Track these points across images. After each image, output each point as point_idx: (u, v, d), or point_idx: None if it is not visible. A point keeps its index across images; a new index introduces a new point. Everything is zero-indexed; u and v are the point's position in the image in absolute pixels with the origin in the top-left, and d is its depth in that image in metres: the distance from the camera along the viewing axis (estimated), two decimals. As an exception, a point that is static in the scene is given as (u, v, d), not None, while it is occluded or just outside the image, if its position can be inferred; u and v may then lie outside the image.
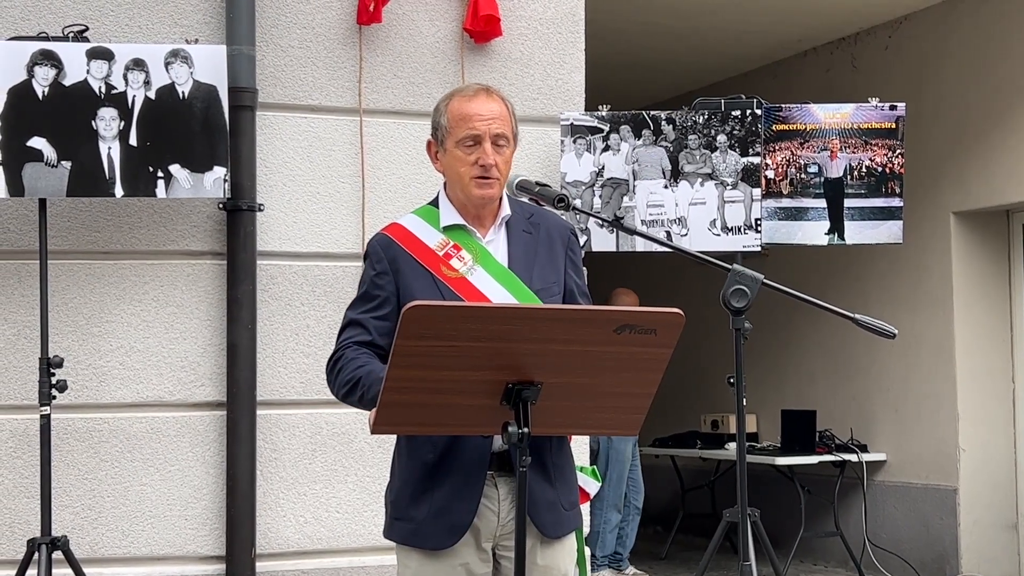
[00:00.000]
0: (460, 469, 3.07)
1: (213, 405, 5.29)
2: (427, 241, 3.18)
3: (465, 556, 3.10)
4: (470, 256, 3.16)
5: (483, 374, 2.70)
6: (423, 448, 3.10)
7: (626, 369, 2.76)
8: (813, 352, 9.17)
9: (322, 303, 5.45)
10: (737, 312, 2.85)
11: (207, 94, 4.98)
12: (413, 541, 3.12)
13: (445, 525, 3.07)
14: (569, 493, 3.20)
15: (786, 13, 8.25)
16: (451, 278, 3.13)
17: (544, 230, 3.25)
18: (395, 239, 3.20)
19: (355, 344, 3.13)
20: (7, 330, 5.11)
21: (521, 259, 3.19)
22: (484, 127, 3.13)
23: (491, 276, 3.14)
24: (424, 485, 3.09)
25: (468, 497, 3.06)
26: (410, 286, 3.12)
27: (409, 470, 3.13)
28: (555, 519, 3.13)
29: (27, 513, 5.03)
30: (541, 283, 3.17)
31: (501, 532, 3.12)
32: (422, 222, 3.23)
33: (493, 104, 3.17)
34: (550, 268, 3.21)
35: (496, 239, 3.22)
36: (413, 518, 3.11)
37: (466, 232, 3.20)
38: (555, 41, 5.82)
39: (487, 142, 3.13)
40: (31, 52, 4.84)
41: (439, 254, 3.16)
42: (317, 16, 5.52)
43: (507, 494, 3.10)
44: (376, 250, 3.20)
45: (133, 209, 5.23)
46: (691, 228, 5.74)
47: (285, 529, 5.35)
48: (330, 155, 5.52)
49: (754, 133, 5.76)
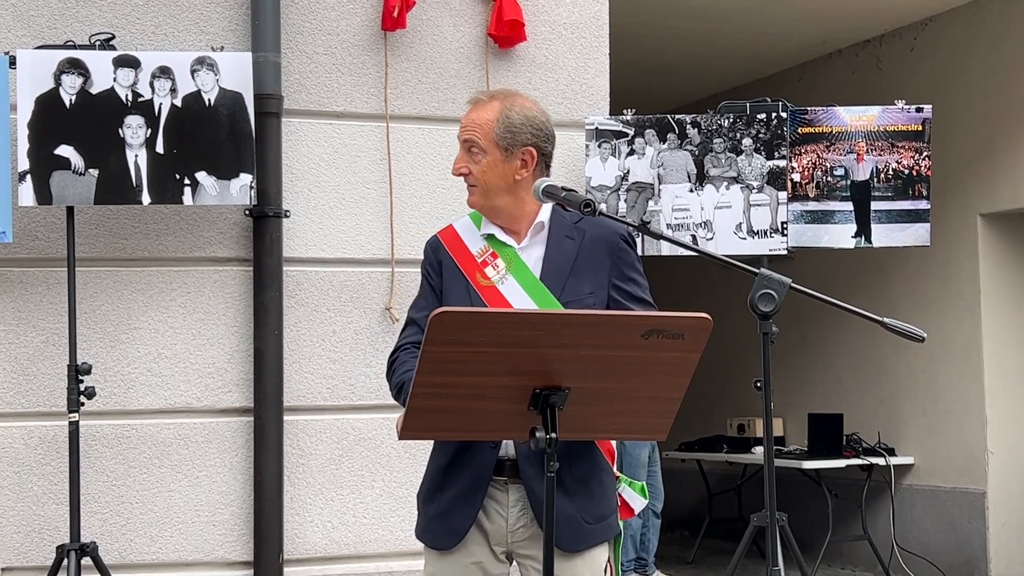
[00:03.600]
0: (465, 476, 3.12)
1: (240, 411, 5.31)
2: (470, 246, 3.24)
3: (477, 554, 3.14)
4: (504, 265, 3.18)
5: (510, 380, 2.70)
6: (440, 451, 3.18)
7: (654, 374, 2.75)
8: (840, 355, 9.14)
9: (348, 309, 5.46)
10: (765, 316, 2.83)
11: (233, 101, 5.00)
12: (423, 538, 3.23)
13: (447, 527, 3.14)
14: (594, 507, 3.15)
15: (811, 15, 8.23)
16: (484, 287, 3.17)
17: (589, 237, 3.20)
18: (444, 242, 3.27)
19: (411, 344, 3.20)
20: (35, 337, 5.14)
21: (555, 268, 3.17)
22: (460, 135, 3.22)
23: (521, 287, 3.15)
24: (436, 487, 3.18)
25: (468, 504, 3.11)
26: (449, 292, 3.19)
27: (429, 469, 3.23)
28: (574, 533, 3.10)
29: (56, 519, 5.05)
30: (572, 294, 3.15)
31: (512, 539, 3.14)
32: (472, 226, 3.28)
33: (481, 112, 3.20)
34: (588, 277, 3.17)
35: (532, 246, 3.21)
36: (425, 514, 3.21)
37: (501, 240, 3.22)
38: (580, 45, 5.82)
39: (461, 149, 3.21)
40: (58, 61, 4.86)
41: (478, 261, 3.21)
42: (342, 22, 5.53)
43: (517, 500, 3.12)
44: (428, 252, 3.30)
45: (160, 216, 5.25)
46: (717, 232, 5.72)
47: (312, 534, 5.36)
48: (356, 161, 5.53)
49: (780, 136, 5.74)
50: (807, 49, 9.06)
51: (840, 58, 9.15)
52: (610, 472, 3.25)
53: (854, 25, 8.53)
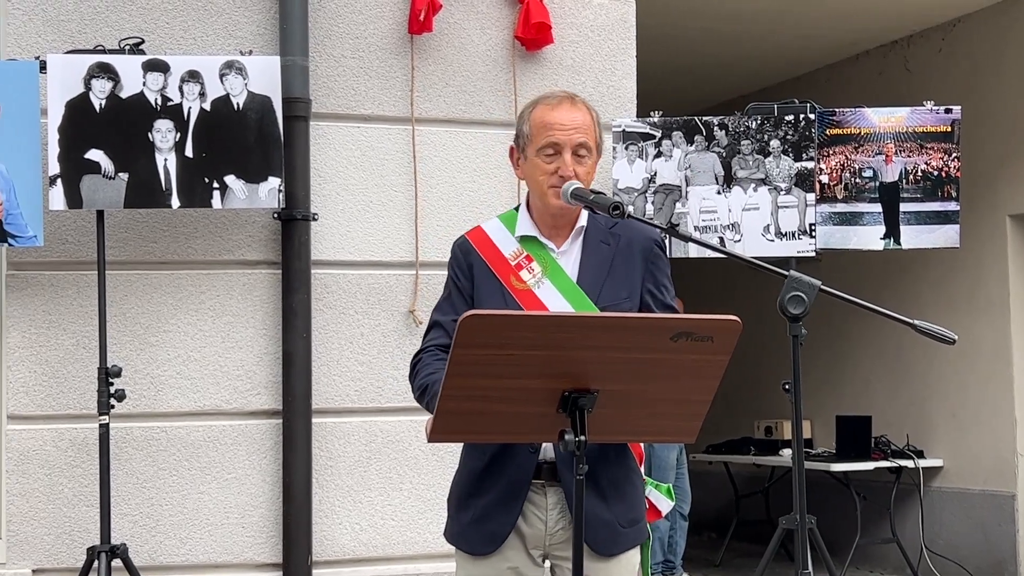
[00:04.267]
0: (504, 479, 3.09)
1: (269, 413, 5.33)
2: (503, 249, 3.20)
3: (514, 559, 3.12)
4: (540, 268, 3.17)
5: (539, 382, 2.69)
6: (474, 454, 3.15)
7: (683, 376, 2.75)
8: (868, 357, 9.10)
9: (376, 311, 5.47)
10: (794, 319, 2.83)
11: (261, 105, 5.02)
12: (458, 544, 3.18)
13: (485, 532, 3.10)
14: (628, 510, 3.16)
15: (838, 17, 8.21)
16: (519, 290, 3.14)
17: (624, 241, 3.21)
18: (474, 244, 3.23)
19: (435, 347, 3.18)
20: (66, 340, 5.17)
21: (592, 273, 3.17)
22: (565, 137, 3.12)
23: (558, 290, 3.14)
24: (471, 491, 3.14)
25: (508, 508, 3.09)
26: (481, 294, 3.16)
27: (462, 473, 3.19)
28: (609, 536, 3.11)
29: (87, 521, 5.08)
30: (609, 299, 3.14)
31: (551, 541, 3.12)
32: (503, 228, 3.24)
33: (576, 113, 3.15)
34: (623, 282, 3.18)
35: (570, 250, 3.21)
36: (460, 521, 3.16)
37: (539, 244, 3.20)
38: (606, 48, 5.82)
39: (567, 152, 3.12)
40: (88, 65, 4.89)
41: (511, 264, 3.18)
42: (369, 26, 5.54)
43: (556, 503, 3.11)
44: (456, 254, 3.25)
45: (189, 220, 5.28)
46: (744, 234, 5.71)
47: (341, 536, 5.38)
48: (383, 164, 5.55)
49: (808, 137, 5.72)
50: (834, 50, 9.04)
51: (868, 59, 9.12)
52: (640, 475, 3.26)
53: (882, 26, 8.50)
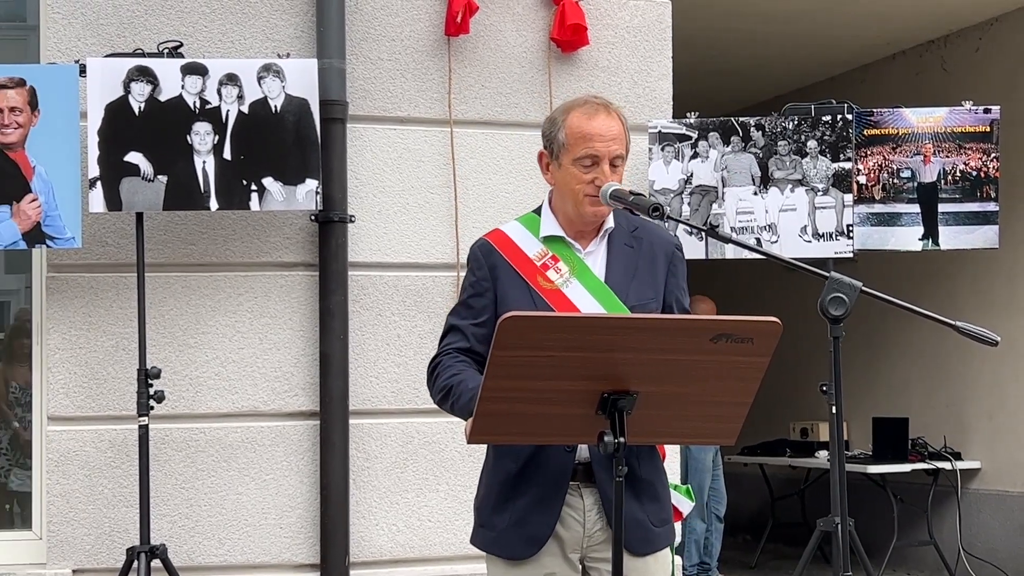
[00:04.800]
0: (541, 481, 3.07)
1: (306, 415, 5.35)
2: (526, 250, 3.19)
3: (551, 565, 3.10)
4: (567, 268, 3.16)
5: (578, 384, 2.70)
6: (506, 458, 3.12)
7: (722, 378, 2.75)
8: (906, 359, 9.06)
9: (413, 313, 5.48)
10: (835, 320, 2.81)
11: (299, 107, 5.04)
12: (494, 550, 3.15)
13: (524, 536, 3.08)
14: (660, 510, 3.18)
15: (874, 16, 8.17)
16: (547, 289, 3.13)
17: (647, 244, 3.22)
18: (496, 246, 3.21)
19: (454, 351, 3.16)
20: (106, 342, 5.21)
21: (619, 274, 3.17)
22: (604, 148, 3.12)
23: (587, 290, 3.14)
24: (506, 495, 3.11)
25: (547, 509, 3.07)
26: (506, 295, 3.14)
27: (493, 479, 3.16)
28: (643, 536, 3.11)
29: (126, 522, 5.11)
30: (637, 299, 3.15)
31: (588, 543, 3.11)
32: (524, 230, 3.24)
33: (613, 123, 3.15)
34: (649, 284, 3.19)
35: (596, 252, 3.21)
36: (495, 527, 3.14)
37: (565, 244, 3.20)
38: (642, 49, 5.81)
39: (605, 163, 3.12)
40: (127, 68, 4.93)
41: (537, 264, 3.17)
42: (406, 28, 5.56)
43: (593, 505, 3.10)
44: (477, 256, 3.22)
45: (227, 222, 5.30)
46: (781, 235, 5.69)
47: (378, 537, 5.39)
48: (420, 166, 5.56)
49: (845, 138, 5.70)
50: (870, 50, 9.00)
51: (904, 59, 9.08)
52: (666, 475, 3.27)
53: (918, 26, 8.46)
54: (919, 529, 8.43)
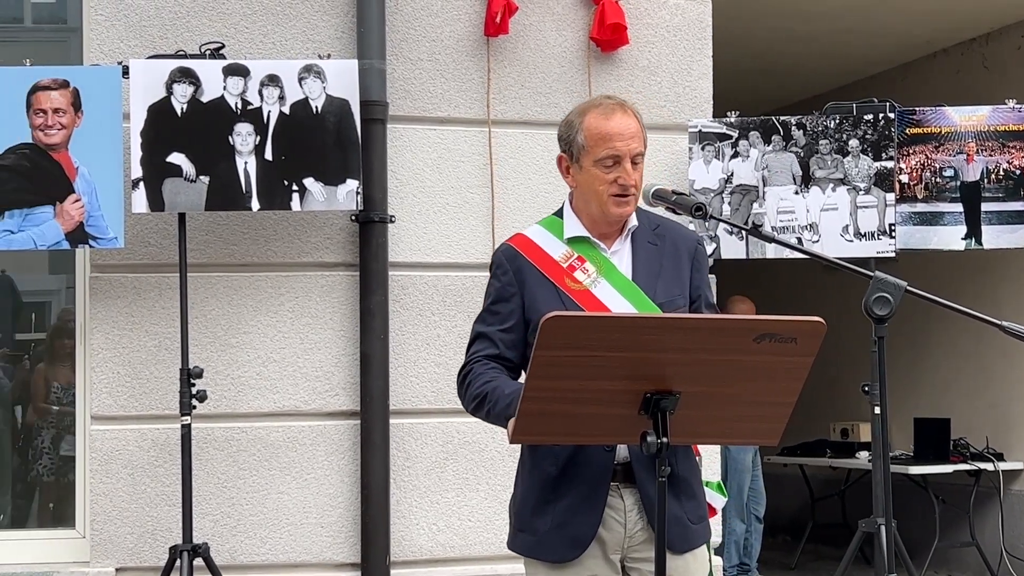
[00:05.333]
0: (582, 482, 3.06)
1: (347, 414, 5.37)
2: (551, 253, 3.18)
3: (592, 568, 3.09)
4: (594, 268, 3.15)
5: (621, 384, 2.69)
6: (545, 460, 3.10)
7: (766, 378, 2.74)
8: (948, 359, 8.99)
9: (453, 313, 5.49)
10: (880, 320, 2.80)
11: (339, 108, 5.06)
12: (536, 553, 3.13)
13: (567, 538, 3.07)
14: (697, 507, 3.18)
15: (915, 14, 8.12)
16: (575, 290, 3.12)
17: (670, 242, 3.22)
18: (520, 250, 3.20)
19: (483, 358, 3.15)
20: (148, 342, 5.24)
21: (645, 271, 3.17)
22: (624, 147, 3.11)
23: (615, 289, 3.13)
24: (546, 497, 3.09)
25: (590, 510, 3.06)
26: (534, 299, 3.13)
27: (531, 482, 3.14)
28: (681, 533, 3.11)
29: (169, 520, 5.15)
30: (665, 296, 3.15)
31: (629, 544, 3.11)
32: (547, 233, 3.22)
33: (630, 121, 3.14)
34: (675, 280, 3.19)
35: (621, 251, 3.20)
36: (536, 530, 3.11)
37: (590, 244, 3.19)
38: (682, 48, 5.80)
39: (627, 162, 3.11)
40: (170, 70, 4.96)
41: (563, 266, 3.15)
42: (445, 29, 5.57)
43: (633, 505, 3.09)
44: (501, 262, 3.21)
45: (269, 222, 5.33)
46: (823, 234, 5.66)
47: (418, 537, 5.40)
48: (459, 166, 5.57)
49: (887, 137, 5.66)
50: (911, 49, 8.94)
51: (945, 57, 9.01)
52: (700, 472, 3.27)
53: (959, 24, 8.40)
54: (961, 530, 8.37)
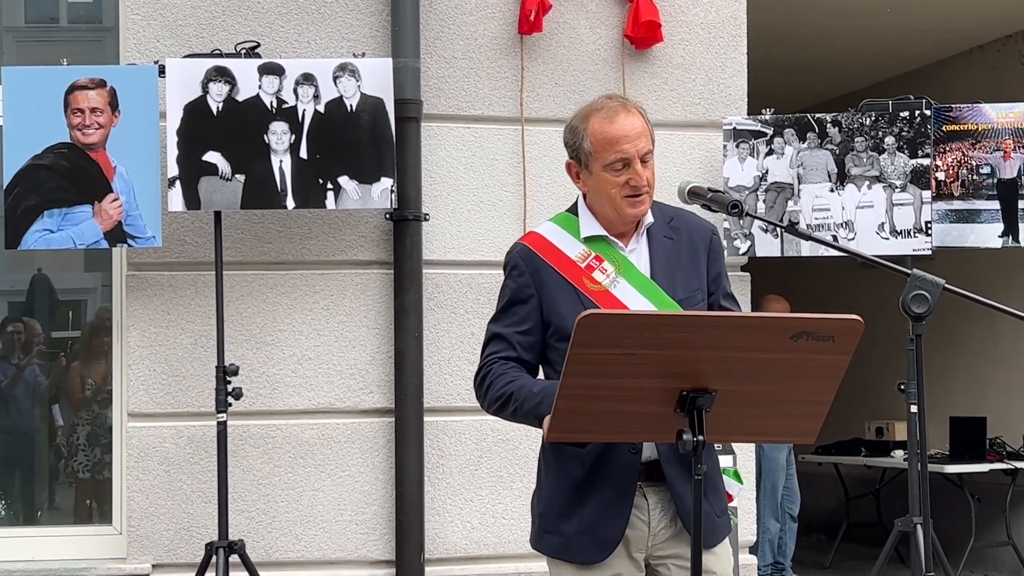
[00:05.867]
0: (609, 484, 3.05)
1: (382, 412, 5.38)
2: (568, 252, 3.14)
3: (617, 567, 3.08)
4: (612, 268, 3.12)
5: (657, 382, 2.69)
6: (572, 463, 3.08)
7: (802, 376, 2.73)
8: (983, 358, 8.93)
9: (486, 311, 5.40)
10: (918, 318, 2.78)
11: (374, 107, 5.07)
12: (564, 555, 3.11)
13: (595, 540, 3.06)
14: (720, 500, 3.20)
15: (951, 11, 8.07)
16: (594, 291, 3.09)
17: (686, 234, 3.20)
18: (536, 250, 3.15)
19: (500, 359, 3.12)
20: (184, 339, 5.27)
21: (663, 267, 3.15)
22: (632, 148, 3.06)
23: (634, 288, 3.11)
24: (573, 500, 3.08)
25: (618, 512, 3.05)
26: (554, 301, 3.10)
27: (558, 484, 3.12)
28: (710, 528, 3.11)
29: (205, 517, 5.18)
30: (684, 291, 3.13)
31: (653, 542, 3.10)
32: (561, 231, 3.18)
33: (635, 121, 3.09)
34: (693, 274, 3.17)
35: (638, 248, 3.18)
36: (563, 532, 3.10)
37: (608, 243, 3.16)
38: (717, 45, 5.78)
39: (637, 163, 3.07)
40: (205, 69, 4.99)
41: (581, 266, 3.12)
42: (479, 27, 5.57)
43: (657, 503, 3.09)
44: (517, 262, 3.16)
45: (304, 220, 5.35)
46: (858, 232, 5.63)
47: (452, 534, 5.41)
48: (493, 164, 5.57)
49: (923, 134, 5.63)
50: (947, 45, 8.89)
51: (981, 54, 8.95)
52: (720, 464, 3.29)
53: (995, 20, 8.34)
54: (997, 529, 8.31)
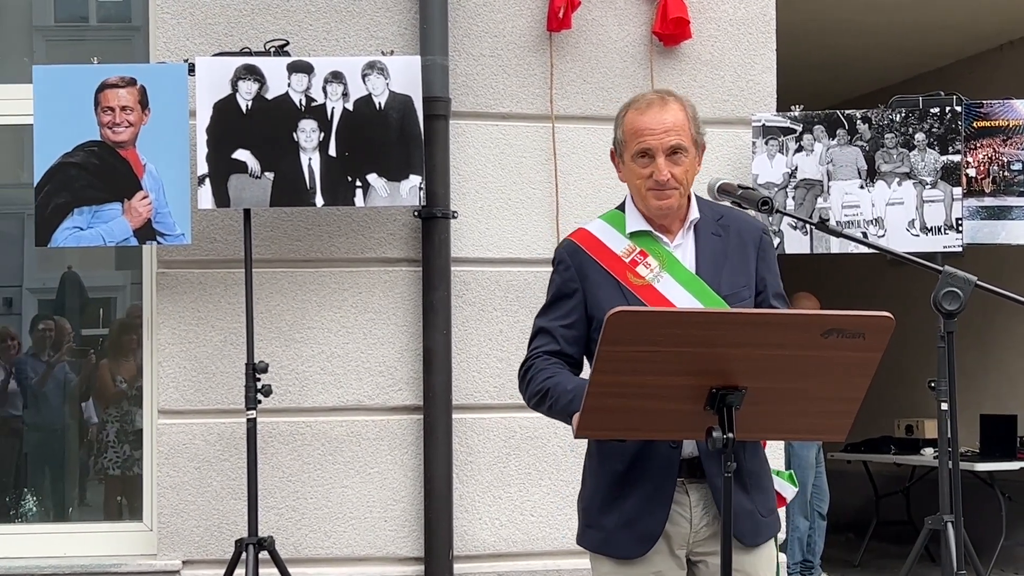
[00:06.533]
0: (649, 478, 3.06)
1: (410, 409, 5.39)
2: (613, 247, 3.17)
3: (658, 564, 3.08)
4: (657, 263, 3.13)
5: (686, 379, 2.68)
6: (613, 457, 3.10)
7: (833, 374, 2.72)
8: (1014, 355, 8.89)
9: (515, 308, 5.49)
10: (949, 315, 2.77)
11: (402, 104, 5.08)
12: (604, 549, 3.13)
13: (635, 534, 3.07)
14: (766, 500, 3.18)
15: (982, 6, 8.02)
16: (637, 285, 3.11)
17: (734, 232, 3.20)
18: (582, 245, 3.19)
19: (545, 353, 3.15)
20: (214, 337, 5.29)
21: (709, 264, 3.15)
22: (656, 142, 3.08)
23: (678, 283, 3.11)
24: (614, 494, 3.10)
25: (658, 507, 3.05)
26: (596, 294, 3.12)
27: (599, 478, 3.14)
28: (753, 527, 3.10)
29: (234, 514, 5.20)
30: (730, 288, 3.13)
31: (695, 539, 3.10)
32: (609, 227, 3.21)
33: (666, 115, 3.11)
34: (740, 271, 3.16)
35: (684, 243, 3.18)
36: (604, 527, 3.12)
37: (652, 238, 3.17)
38: (746, 42, 5.76)
39: (660, 156, 3.09)
40: (235, 67, 5.00)
41: (625, 261, 3.14)
42: (508, 24, 5.57)
43: (699, 500, 3.08)
44: (563, 257, 3.21)
45: (332, 218, 5.36)
46: (888, 229, 5.61)
47: (481, 532, 5.42)
48: (521, 161, 5.57)
49: (954, 130, 5.60)
50: (978, 41, 8.84)
51: (1012, 50, 8.90)
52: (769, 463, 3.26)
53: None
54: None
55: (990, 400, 8.94)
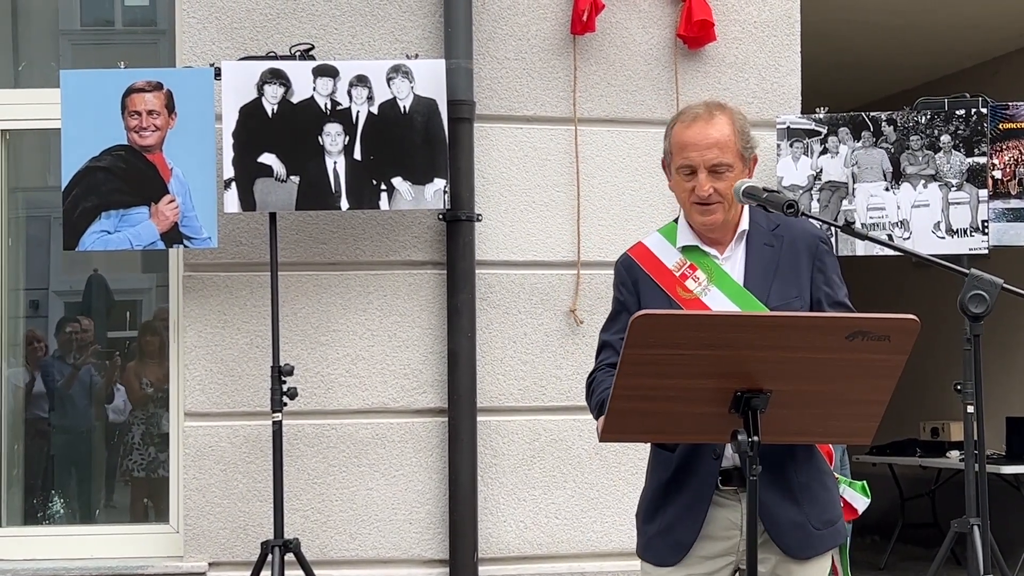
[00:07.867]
0: (688, 489, 3.08)
1: (435, 411, 5.40)
2: (666, 261, 3.20)
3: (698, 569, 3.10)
4: (705, 276, 3.15)
5: (711, 382, 2.69)
6: (661, 467, 3.14)
7: (858, 376, 2.72)
8: (1040, 357, 8.84)
9: (539, 311, 5.50)
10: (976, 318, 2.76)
11: (427, 108, 5.09)
12: (645, 555, 3.18)
13: (670, 542, 3.10)
14: (821, 512, 3.13)
15: (1007, 7, 7.98)
16: (686, 299, 3.13)
17: (788, 241, 3.18)
18: (637, 260, 3.24)
19: (607, 366, 3.18)
20: (240, 339, 5.32)
21: (758, 275, 3.14)
22: (698, 158, 3.09)
23: (726, 296, 3.12)
24: (657, 503, 3.14)
25: (693, 517, 3.08)
26: (648, 308, 3.13)
27: (649, 486, 3.21)
28: (803, 539, 3.08)
29: (260, 516, 5.22)
30: (779, 299, 3.11)
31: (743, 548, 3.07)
32: (664, 241, 3.24)
33: (712, 130, 3.10)
34: (792, 282, 3.14)
35: (733, 256, 3.19)
36: (646, 532, 3.18)
37: (701, 252, 3.19)
38: (770, 44, 5.76)
39: (702, 172, 3.09)
40: (260, 71, 5.03)
41: (676, 275, 3.17)
42: (532, 27, 5.58)
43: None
44: (620, 271, 3.26)
45: (358, 221, 5.38)
46: (914, 231, 5.59)
47: (506, 534, 5.42)
48: (545, 164, 5.58)
49: (980, 132, 5.58)
50: (1003, 42, 8.79)
51: (1038, 51, 8.86)
52: (832, 475, 3.23)
53: (1053, 16, 8.25)
54: (1055, 531, 8.22)
55: (1017, 402, 8.90)
